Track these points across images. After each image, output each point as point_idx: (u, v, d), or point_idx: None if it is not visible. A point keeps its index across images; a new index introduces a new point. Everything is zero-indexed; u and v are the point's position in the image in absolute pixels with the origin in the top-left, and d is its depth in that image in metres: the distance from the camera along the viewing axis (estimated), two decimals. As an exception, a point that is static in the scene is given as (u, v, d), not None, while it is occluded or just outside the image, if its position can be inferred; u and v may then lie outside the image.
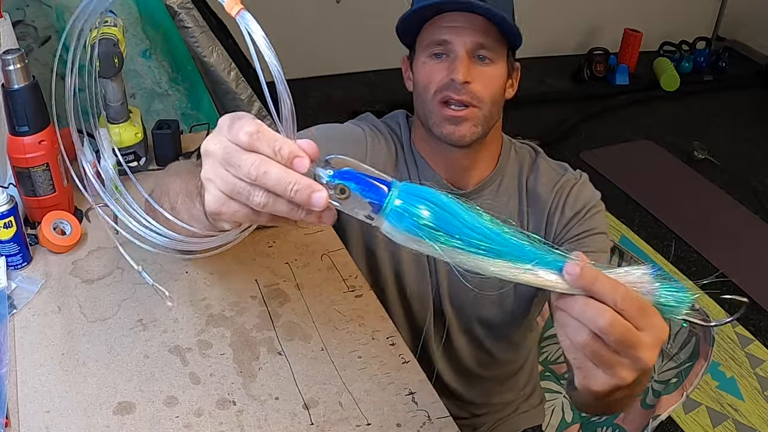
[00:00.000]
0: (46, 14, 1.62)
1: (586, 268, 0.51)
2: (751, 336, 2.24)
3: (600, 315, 0.50)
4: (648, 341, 0.52)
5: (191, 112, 1.89)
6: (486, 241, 0.53)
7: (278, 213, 0.53)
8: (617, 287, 0.51)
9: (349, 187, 0.52)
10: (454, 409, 1.25)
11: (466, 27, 0.96)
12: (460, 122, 0.98)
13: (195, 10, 1.83)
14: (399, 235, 0.53)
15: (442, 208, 0.53)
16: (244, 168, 0.51)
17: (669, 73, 3.79)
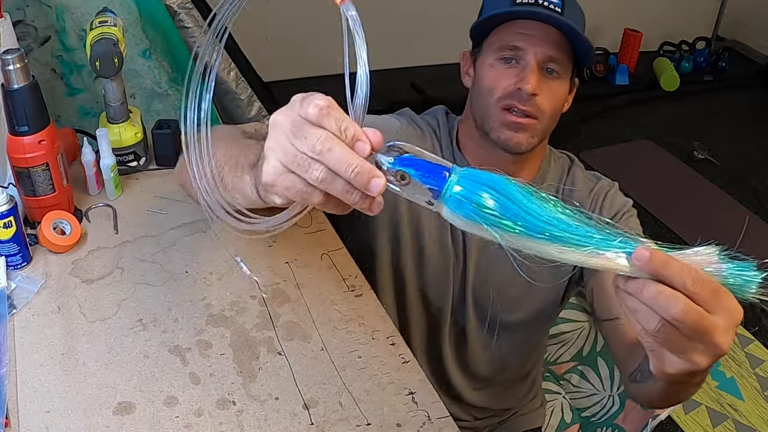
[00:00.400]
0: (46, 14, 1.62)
1: (656, 252, 0.49)
2: (751, 336, 2.24)
3: (672, 304, 0.49)
4: (722, 325, 0.50)
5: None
6: (548, 225, 0.52)
7: (333, 192, 0.52)
8: (688, 270, 0.49)
9: (409, 173, 0.53)
10: (456, 411, 1.24)
11: (540, 37, 0.95)
12: (520, 130, 0.98)
13: (195, 10, 1.83)
14: (459, 221, 0.53)
15: (502, 194, 0.52)
16: (310, 141, 0.51)
17: (669, 73, 3.79)
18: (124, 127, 1.22)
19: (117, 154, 1.20)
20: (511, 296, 1.11)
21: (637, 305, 0.51)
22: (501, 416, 1.27)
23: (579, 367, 1.37)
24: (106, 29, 1.17)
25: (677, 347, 0.52)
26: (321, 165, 0.51)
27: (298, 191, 0.53)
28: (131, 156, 1.25)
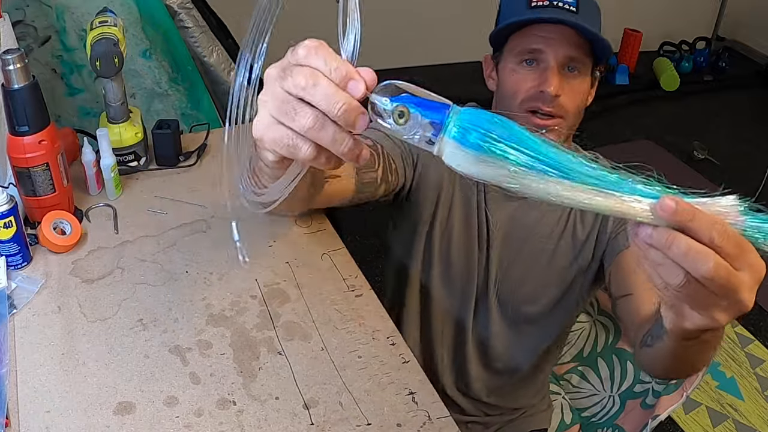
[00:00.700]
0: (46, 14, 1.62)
1: (683, 203, 0.46)
2: (751, 336, 2.24)
3: (702, 261, 0.46)
4: (747, 282, 0.48)
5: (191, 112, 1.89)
6: (563, 161, 0.48)
7: (322, 141, 0.50)
8: (714, 223, 0.46)
9: (408, 107, 0.50)
10: (468, 406, 1.26)
11: (558, 39, 0.97)
12: (547, 131, 0.99)
13: (195, 10, 1.83)
14: (464, 155, 0.48)
15: (509, 126, 0.49)
16: (296, 78, 0.49)
17: (669, 73, 3.78)
18: (124, 127, 1.22)
19: (117, 154, 1.20)
20: (529, 289, 1.12)
21: (661, 258, 0.48)
22: (511, 415, 1.28)
23: (579, 368, 1.37)
24: (106, 29, 1.17)
25: (700, 303, 0.50)
26: (308, 110, 0.49)
27: (286, 143, 0.51)
28: (131, 156, 1.25)
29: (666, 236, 0.46)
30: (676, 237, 0.46)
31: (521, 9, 0.98)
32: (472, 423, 1.28)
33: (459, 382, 1.24)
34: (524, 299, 1.13)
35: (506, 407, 1.27)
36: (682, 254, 0.46)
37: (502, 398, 1.26)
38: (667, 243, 0.46)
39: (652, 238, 0.47)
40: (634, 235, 0.49)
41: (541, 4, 0.96)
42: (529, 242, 1.10)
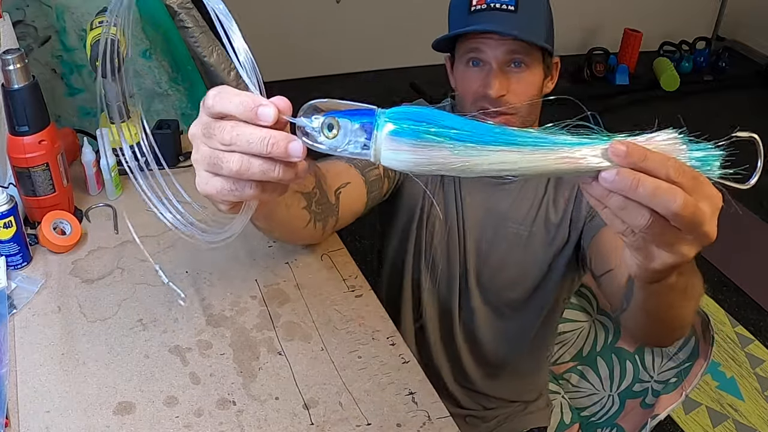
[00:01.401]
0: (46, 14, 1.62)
1: (633, 145, 0.47)
2: (751, 336, 2.24)
3: (671, 198, 0.46)
4: (708, 212, 0.48)
5: (191, 112, 1.89)
6: (503, 133, 0.48)
7: (255, 176, 0.52)
8: (667, 160, 0.47)
9: (335, 117, 0.50)
10: (466, 399, 1.28)
11: (497, 39, 0.98)
12: None
13: (195, 10, 1.83)
14: (401, 147, 0.48)
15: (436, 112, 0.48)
16: (219, 135, 0.51)
17: (669, 73, 3.78)
18: (124, 127, 1.22)
19: (117, 154, 1.20)
20: (508, 275, 1.15)
21: (623, 202, 0.48)
22: (507, 407, 1.30)
23: (578, 367, 1.37)
24: (106, 29, 1.17)
25: (666, 240, 0.50)
26: (231, 156, 0.51)
27: (228, 191, 0.53)
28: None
29: (631, 178, 0.46)
30: (641, 177, 0.46)
31: (463, 15, 1.01)
32: (470, 417, 1.29)
33: (456, 373, 1.26)
34: (504, 285, 1.16)
35: (503, 399, 1.29)
36: (649, 194, 0.46)
37: (498, 388, 1.28)
38: (633, 185, 0.46)
39: (616, 183, 0.47)
40: (591, 185, 0.49)
41: (479, 7, 0.99)
42: (503, 229, 1.13)
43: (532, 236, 1.12)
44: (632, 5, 4.02)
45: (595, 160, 0.48)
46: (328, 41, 3.51)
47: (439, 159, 0.48)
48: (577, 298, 1.35)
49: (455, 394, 1.28)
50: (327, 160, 1.00)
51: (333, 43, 3.53)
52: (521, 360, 1.25)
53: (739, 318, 2.30)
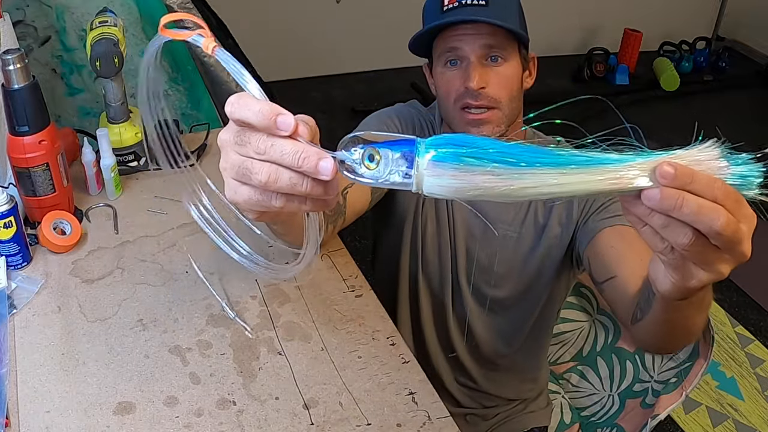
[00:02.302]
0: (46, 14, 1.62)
1: (681, 167, 0.46)
2: (751, 336, 2.24)
3: (715, 217, 0.46)
4: (747, 233, 0.49)
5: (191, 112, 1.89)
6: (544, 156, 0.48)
7: (283, 189, 0.51)
8: (714, 182, 0.47)
9: (376, 147, 0.50)
10: (465, 398, 1.29)
11: (473, 33, 1.00)
12: (482, 124, 1.03)
13: (195, 11, 1.83)
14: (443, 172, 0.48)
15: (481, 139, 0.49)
16: (253, 143, 0.51)
17: (669, 73, 3.78)
18: (124, 127, 1.22)
19: (117, 154, 1.20)
20: (498, 273, 1.15)
21: (666, 221, 0.48)
22: (507, 406, 1.30)
23: (578, 367, 1.37)
24: (106, 29, 1.17)
25: (705, 259, 0.51)
26: (261, 166, 0.51)
27: (256, 201, 0.53)
28: (131, 156, 1.25)
29: (676, 198, 0.47)
30: (686, 197, 0.47)
31: (436, 15, 1.02)
32: (470, 415, 1.29)
33: (454, 371, 1.27)
34: (494, 284, 1.17)
35: (502, 397, 1.29)
36: (694, 213, 0.47)
37: (496, 386, 1.28)
38: (678, 204, 0.47)
39: (661, 203, 0.47)
40: (633, 203, 0.49)
41: (451, 6, 1.00)
42: (492, 230, 1.13)
43: (521, 238, 1.12)
44: (632, 5, 4.02)
45: (641, 181, 0.48)
46: (328, 41, 3.51)
47: (482, 184, 0.48)
48: (577, 298, 1.35)
49: (454, 392, 1.28)
50: None
51: (333, 43, 3.53)
52: (517, 357, 1.25)
53: (739, 318, 2.30)
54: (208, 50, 0.51)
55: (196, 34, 0.51)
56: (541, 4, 3.72)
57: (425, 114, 1.18)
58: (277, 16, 3.33)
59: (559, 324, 1.35)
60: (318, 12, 3.44)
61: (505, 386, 1.29)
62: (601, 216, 1.02)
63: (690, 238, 0.48)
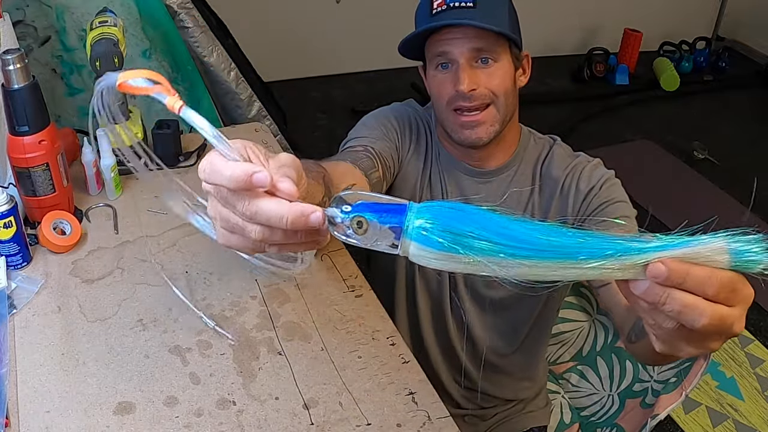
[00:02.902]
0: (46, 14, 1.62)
1: (674, 266, 0.46)
2: (751, 336, 2.24)
3: (698, 318, 0.47)
4: (739, 314, 0.49)
5: (191, 112, 1.89)
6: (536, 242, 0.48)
7: (277, 242, 0.53)
8: (708, 279, 0.47)
9: (365, 217, 0.50)
10: (463, 400, 1.28)
11: (461, 37, 1.01)
12: (476, 126, 1.03)
13: (195, 10, 1.83)
14: (430, 254, 0.49)
15: (469, 213, 0.49)
16: (238, 207, 0.51)
17: (669, 73, 3.78)
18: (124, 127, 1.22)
19: (117, 155, 1.20)
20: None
21: (652, 307, 0.49)
22: (506, 406, 1.30)
23: (578, 367, 1.37)
24: (106, 29, 1.17)
25: (693, 340, 0.51)
26: (254, 226, 0.51)
27: (251, 248, 0.54)
28: (131, 156, 1.25)
29: (661, 294, 0.47)
30: (671, 295, 0.47)
31: (425, 19, 1.03)
32: (469, 416, 1.29)
33: (453, 371, 1.27)
34: (489, 284, 1.17)
35: (500, 398, 1.29)
36: (676, 312, 0.47)
37: (495, 386, 1.28)
38: (662, 301, 0.47)
39: (646, 296, 0.48)
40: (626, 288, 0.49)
41: (440, 10, 1.01)
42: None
43: None
44: (632, 5, 4.02)
45: (631, 274, 0.48)
46: (328, 41, 3.51)
47: (469, 267, 0.48)
48: (577, 298, 1.35)
49: (453, 393, 1.28)
50: (331, 159, 1.00)
51: (333, 43, 3.52)
52: (516, 357, 1.25)
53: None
54: (174, 110, 0.51)
55: (158, 91, 0.51)
56: (541, 4, 3.73)
57: (422, 113, 1.19)
58: (277, 16, 3.33)
59: (559, 324, 1.35)
60: (318, 12, 3.44)
61: (504, 387, 1.29)
62: (597, 219, 1.02)
63: (674, 325, 0.49)
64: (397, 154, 1.13)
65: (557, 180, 1.10)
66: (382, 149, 1.08)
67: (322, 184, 0.85)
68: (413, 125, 1.17)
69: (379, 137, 1.10)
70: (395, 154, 1.12)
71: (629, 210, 1.05)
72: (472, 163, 1.13)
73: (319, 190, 0.88)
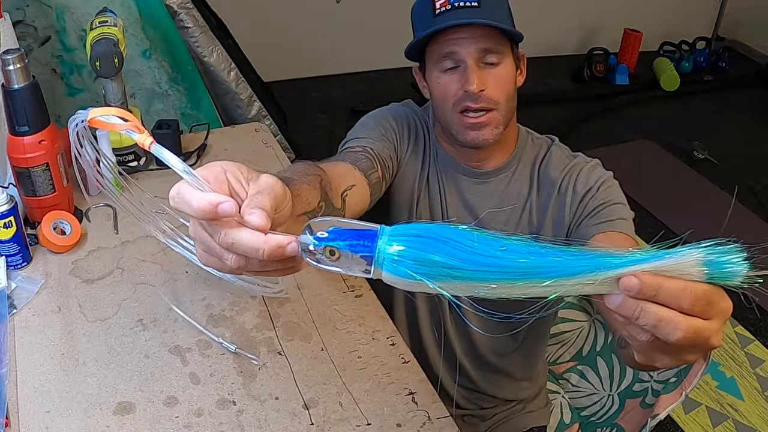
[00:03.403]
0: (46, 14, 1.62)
1: (646, 279, 0.46)
2: (751, 336, 2.24)
3: (672, 332, 0.47)
4: (716, 327, 0.49)
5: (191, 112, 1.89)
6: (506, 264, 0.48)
7: (254, 270, 0.54)
8: (682, 292, 0.47)
9: (337, 247, 0.51)
10: (464, 400, 1.28)
11: (468, 37, 1.00)
12: (482, 127, 1.03)
13: (195, 10, 1.83)
14: (401, 282, 0.50)
15: (438, 240, 0.49)
16: (215, 238, 0.52)
17: (669, 73, 3.78)
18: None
19: (117, 154, 1.20)
20: None
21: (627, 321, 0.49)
22: (506, 406, 1.30)
23: (578, 367, 1.37)
24: (106, 29, 1.17)
25: (669, 352, 0.52)
26: (230, 254, 0.52)
27: (228, 271, 0.55)
28: (131, 156, 1.25)
29: (634, 308, 0.47)
30: (644, 309, 0.47)
31: (428, 19, 1.02)
32: (468, 416, 1.29)
33: (452, 371, 1.27)
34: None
35: (500, 398, 1.29)
36: (651, 326, 0.47)
37: (494, 386, 1.28)
38: (635, 315, 0.47)
39: (620, 310, 0.48)
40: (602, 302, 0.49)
41: (444, 9, 1.01)
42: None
43: None
44: (632, 5, 4.02)
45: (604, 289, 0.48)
46: (328, 41, 3.51)
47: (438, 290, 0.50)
48: (577, 298, 1.35)
49: (452, 393, 1.28)
50: (330, 160, 1.00)
51: (333, 43, 3.52)
52: (515, 357, 1.25)
53: (739, 318, 2.30)
54: (144, 146, 0.52)
55: (128, 128, 0.53)
56: (541, 4, 3.73)
57: (420, 113, 1.19)
58: (277, 16, 3.33)
59: (559, 324, 1.35)
60: (318, 12, 3.44)
61: (502, 387, 1.29)
62: (593, 221, 1.02)
63: (649, 337, 0.49)
64: (396, 154, 1.14)
65: (555, 181, 1.10)
66: (381, 150, 1.08)
67: (319, 188, 0.85)
68: (412, 126, 1.17)
69: (378, 138, 1.10)
70: (394, 155, 1.12)
71: (626, 212, 1.05)
72: (471, 163, 1.13)
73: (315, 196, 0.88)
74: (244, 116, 2.02)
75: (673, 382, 1.10)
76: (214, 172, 0.52)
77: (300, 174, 0.79)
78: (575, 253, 0.49)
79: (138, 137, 0.52)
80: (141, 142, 0.52)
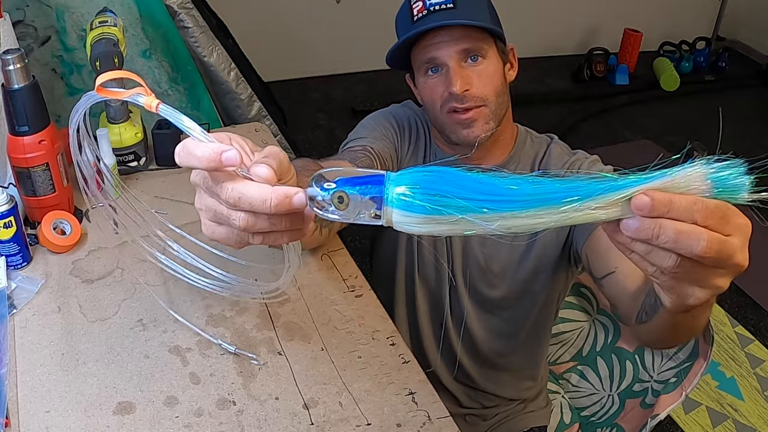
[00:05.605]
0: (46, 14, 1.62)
1: (657, 195, 0.46)
2: (751, 336, 2.24)
3: (694, 242, 0.46)
4: (739, 244, 0.48)
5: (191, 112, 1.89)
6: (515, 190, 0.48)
7: (263, 229, 0.53)
8: (693, 205, 0.46)
9: (345, 191, 0.51)
10: (466, 399, 1.29)
11: (447, 40, 1.01)
12: (472, 124, 1.04)
13: (195, 10, 1.83)
14: (414, 219, 0.49)
15: (446, 174, 0.49)
16: (222, 195, 0.52)
17: (669, 73, 3.78)
18: (124, 127, 1.22)
19: (117, 154, 1.20)
20: (493, 272, 1.16)
21: (648, 248, 0.48)
22: (507, 406, 1.30)
23: (578, 367, 1.37)
24: (106, 29, 1.17)
25: (698, 278, 0.50)
26: (238, 213, 0.52)
27: (235, 240, 0.55)
28: (131, 156, 1.25)
29: (653, 227, 0.47)
30: (663, 225, 0.46)
31: (407, 26, 1.03)
32: (470, 416, 1.29)
33: (453, 370, 1.27)
34: (489, 284, 1.17)
35: (502, 397, 1.30)
36: (672, 240, 0.46)
37: (495, 386, 1.28)
38: (655, 234, 0.47)
39: (637, 233, 0.47)
40: (615, 232, 0.49)
41: (421, 15, 1.02)
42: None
43: (516, 236, 1.12)
44: (632, 5, 4.02)
45: (617, 211, 0.47)
46: (328, 41, 3.51)
47: (452, 228, 0.49)
48: (577, 298, 1.35)
49: (455, 392, 1.28)
50: (330, 159, 1.00)
51: (333, 43, 3.52)
52: (517, 357, 1.25)
53: (739, 318, 2.30)
54: (152, 108, 0.52)
55: (135, 93, 0.53)
56: (541, 4, 3.73)
57: (420, 114, 1.19)
58: (277, 16, 3.33)
59: (559, 324, 1.35)
60: (318, 12, 3.44)
61: (504, 386, 1.29)
62: None
63: (675, 260, 0.48)
64: (396, 154, 1.14)
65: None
66: (381, 149, 1.09)
67: None
68: (412, 126, 1.18)
69: (378, 137, 1.11)
70: (394, 154, 1.13)
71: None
72: (469, 162, 1.13)
73: None
74: (244, 116, 2.02)
75: (673, 382, 1.10)
76: (220, 138, 0.53)
77: (300, 168, 0.79)
78: (584, 180, 0.48)
79: (144, 100, 0.52)
80: (148, 104, 0.52)
